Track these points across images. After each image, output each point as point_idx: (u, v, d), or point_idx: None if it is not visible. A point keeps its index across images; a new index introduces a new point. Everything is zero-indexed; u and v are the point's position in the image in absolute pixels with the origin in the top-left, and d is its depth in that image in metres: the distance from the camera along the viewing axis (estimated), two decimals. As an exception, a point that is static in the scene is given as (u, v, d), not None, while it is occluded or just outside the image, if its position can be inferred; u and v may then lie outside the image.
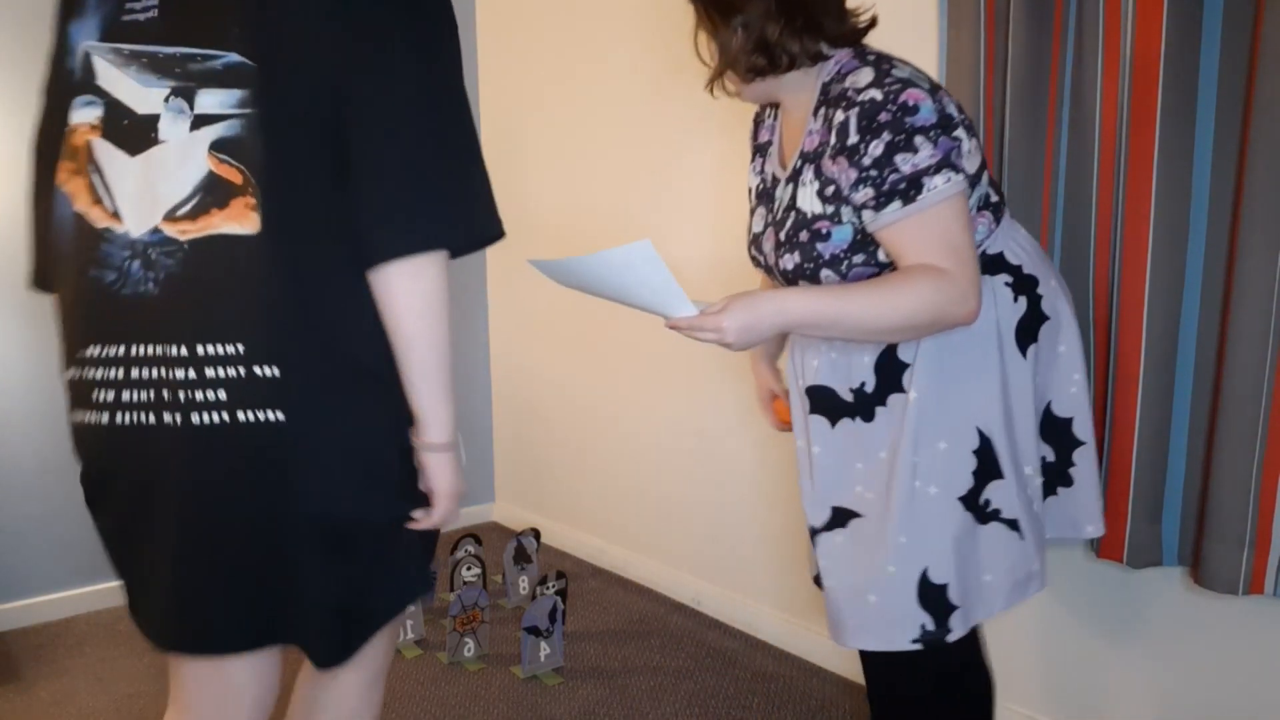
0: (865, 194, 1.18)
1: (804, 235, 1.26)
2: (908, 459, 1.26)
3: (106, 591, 2.69)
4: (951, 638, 1.26)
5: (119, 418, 0.98)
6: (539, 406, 3.21)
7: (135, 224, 0.97)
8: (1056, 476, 1.39)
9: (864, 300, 1.17)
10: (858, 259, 1.24)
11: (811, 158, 1.26)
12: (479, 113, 3.30)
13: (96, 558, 2.65)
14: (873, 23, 1.28)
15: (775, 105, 1.41)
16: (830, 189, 1.23)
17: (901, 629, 1.28)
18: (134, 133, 0.98)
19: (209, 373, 0.95)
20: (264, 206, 0.95)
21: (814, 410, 1.34)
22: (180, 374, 0.96)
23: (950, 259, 1.16)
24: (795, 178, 1.29)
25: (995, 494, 1.27)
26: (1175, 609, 1.66)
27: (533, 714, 2.10)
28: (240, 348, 0.95)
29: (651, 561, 2.81)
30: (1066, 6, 1.60)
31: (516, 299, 3.25)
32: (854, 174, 1.18)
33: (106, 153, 0.98)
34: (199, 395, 0.96)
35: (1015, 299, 1.29)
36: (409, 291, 0.99)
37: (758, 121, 1.47)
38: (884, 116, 1.15)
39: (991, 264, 1.29)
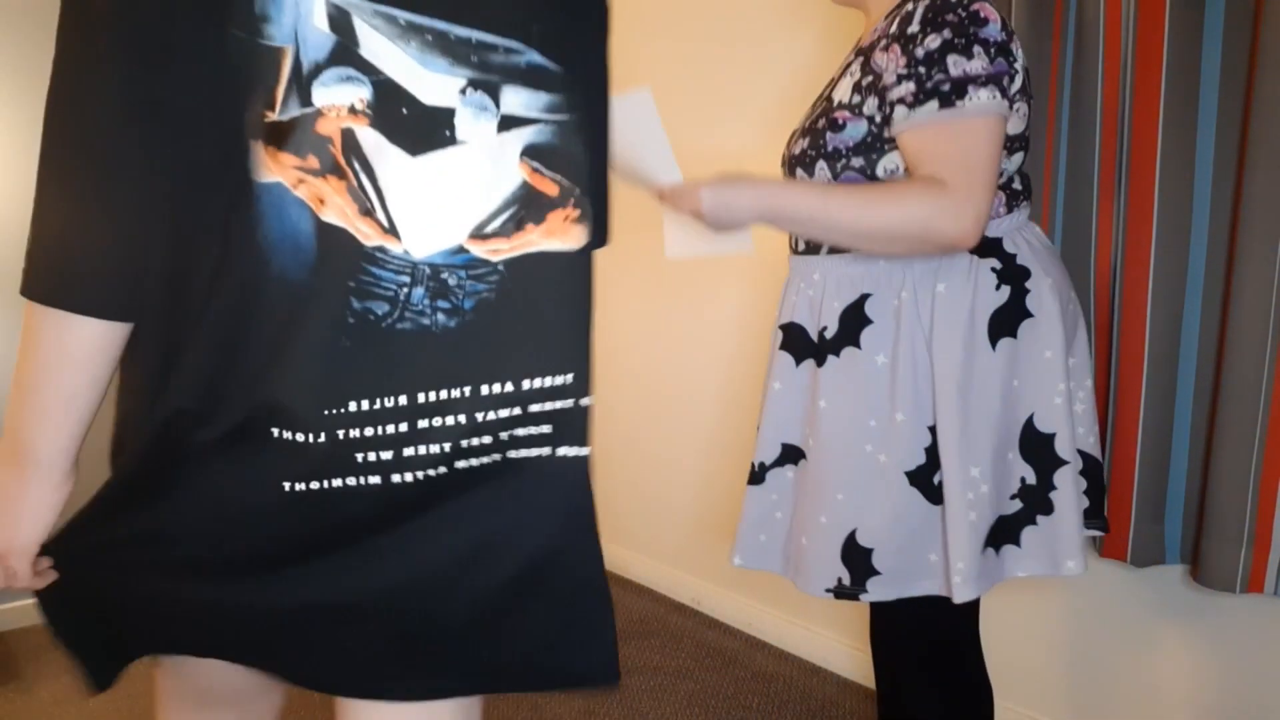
0: (905, 89, 1.15)
1: (820, 122, 1.25)
2: (862, 422, 1.23)
3: (106, 592, 2.68)
4: (866, 598, 1.24)
5: (396, 478, 0.79)
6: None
7: (418, 242, 0.76)
8: (1037, 502, 1.25)
9: (847, 200, 1.15)
10: (856, 162, 1.21)
11: (864, 50, 1.25)
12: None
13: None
14: None
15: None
16: (869, 79, 1.20)
17: (820, 577, 1.27)
18: (418, 127, 0.76)
19: (534, 408, 0.83)
20: (589, 219, 0.87)
21: (783, 346, 1.33)
22: (503, 414, 0.81)
23: (960, 175, 1.12)
24: (844, 71, 1.28)
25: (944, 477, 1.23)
26: (1175, 607, 1.66)
27: (533, 714, 2.10)
28: (570, 378, 0.84)
29: (651, 561, 2.81)
30: (1066, 6, 1.60)
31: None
32: (903, 62, 1.15)
33: (379, 149, 0.75)
34: (521, 432, 0.83)
35: (998, 286, 1.22)
36: None
37: None
38: (951, 16, 1.13)
39: (984, 247, 1.22)
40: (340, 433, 0.75)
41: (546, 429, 0.83)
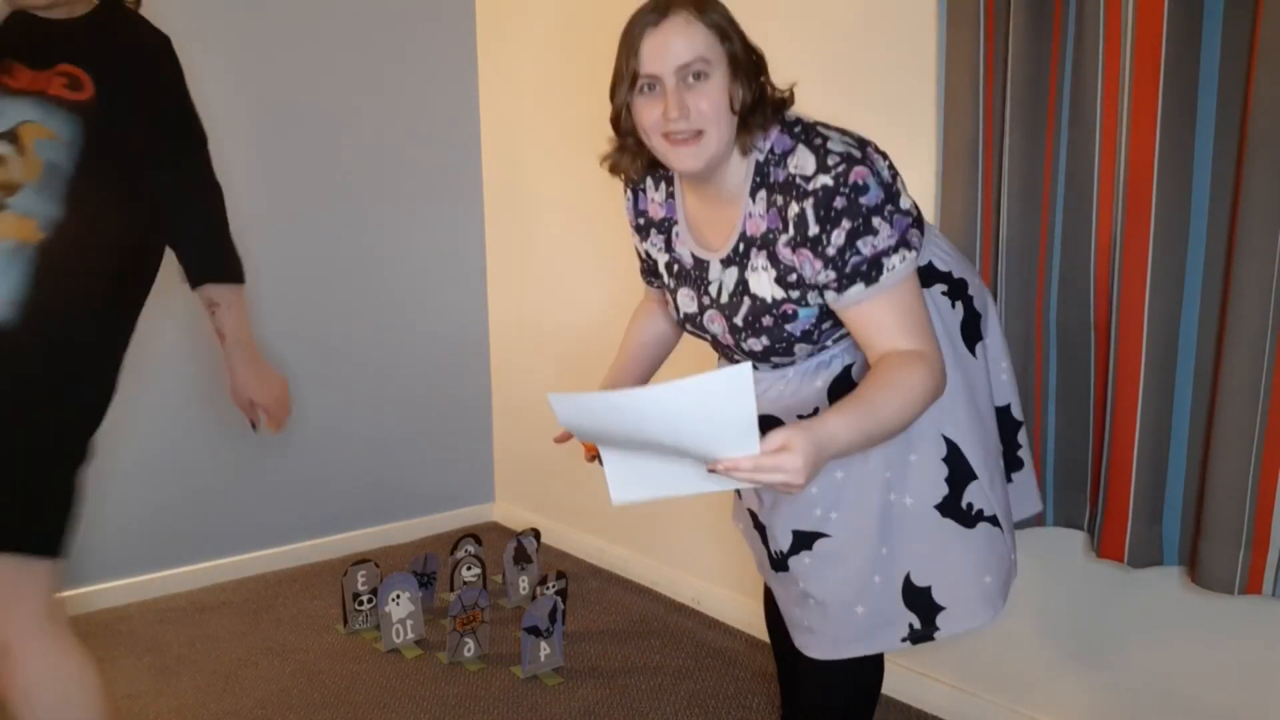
0: (828, 277, 1.20)
1: (768, 320, 1.28)
2: (879, 475, 1.28)
3: (104, 592, 2.69)
4: (940, 635, 1.30)
5: None
6: (539, 407, 3.20)
7: None
8: (1009, 464, 1.44)
9: (890, 407, 1.13)
10: (826, 325, 1.28)
11: (759, 243, 1.25)
12: (479, 114, 3.30)
13: (92, 560, 2.66)
14: (790, 97, 1.26)
15: (664, 180, 1.37)
16: (792, 276, 1.23)
17: (893, 628, 1.32)
18: None
19: None
20: None
21: None
22: None
23: (919, 337, 1.19)
24: (739, 261, 1.28)
25: (975, 495, 1.29)
26: (1174, 609, 1.66)
27: (533, 714, 2.10)
28: None
29: (651, 561, 2.81)
30: (1066, 6, 1.60)
31: (516, 299, 3.25)
32: (819, 264, 1.20)
33: None
34: None
35: (953, 305, 1.32)
36: None
37: (636, 191, 1.41)
38: (839, 202, 1.16)
39: (925, 275, 1.30)
40: None
41: None
